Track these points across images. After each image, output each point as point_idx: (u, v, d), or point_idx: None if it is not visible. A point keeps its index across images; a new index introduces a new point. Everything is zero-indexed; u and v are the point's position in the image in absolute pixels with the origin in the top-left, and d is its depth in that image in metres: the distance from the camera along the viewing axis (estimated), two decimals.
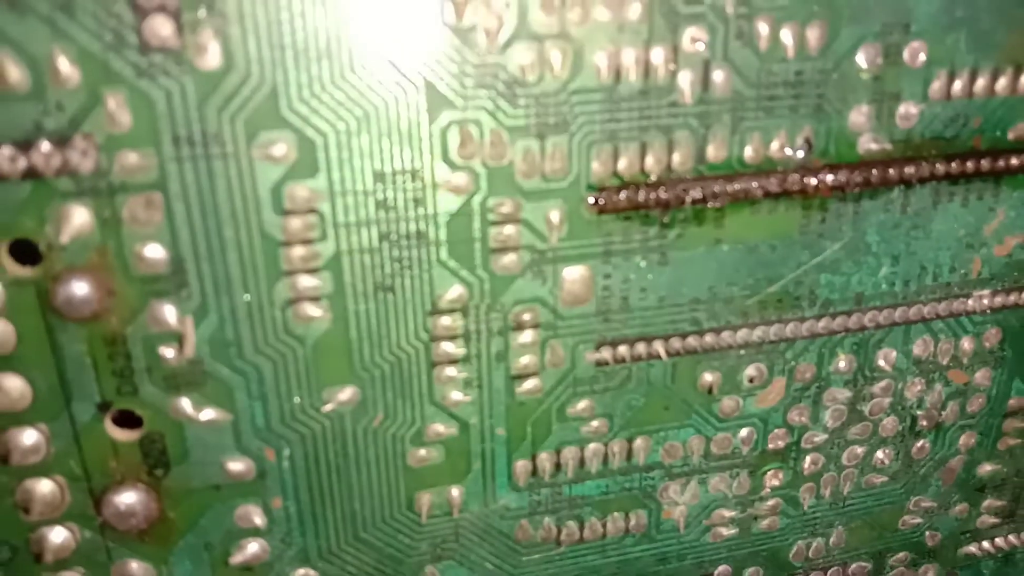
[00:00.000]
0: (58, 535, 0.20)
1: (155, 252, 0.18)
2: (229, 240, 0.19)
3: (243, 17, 0.17)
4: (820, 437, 0.25)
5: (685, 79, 0.20)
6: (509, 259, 0.20)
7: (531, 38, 0.19)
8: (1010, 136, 0.22)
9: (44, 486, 0.20)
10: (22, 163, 0.17)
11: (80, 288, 0.18)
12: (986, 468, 0.27)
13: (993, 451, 0.27)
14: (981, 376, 0.25)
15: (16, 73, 0.16)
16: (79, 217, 0.18)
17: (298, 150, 0.18)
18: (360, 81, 0.18)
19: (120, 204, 0.18)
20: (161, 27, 0.17)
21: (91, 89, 0.17)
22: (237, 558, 0.21)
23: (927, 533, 0.28)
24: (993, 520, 0.28)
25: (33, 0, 0.16)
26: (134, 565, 0.21)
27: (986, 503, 0.28)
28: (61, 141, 0.17)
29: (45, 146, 0.17)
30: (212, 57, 0.17)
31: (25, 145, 0.17)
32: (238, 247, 0.19)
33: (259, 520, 0.21)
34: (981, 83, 0.22)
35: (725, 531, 0.25)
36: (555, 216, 0.20)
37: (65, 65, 0.17)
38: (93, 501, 0.20)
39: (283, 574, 0.22)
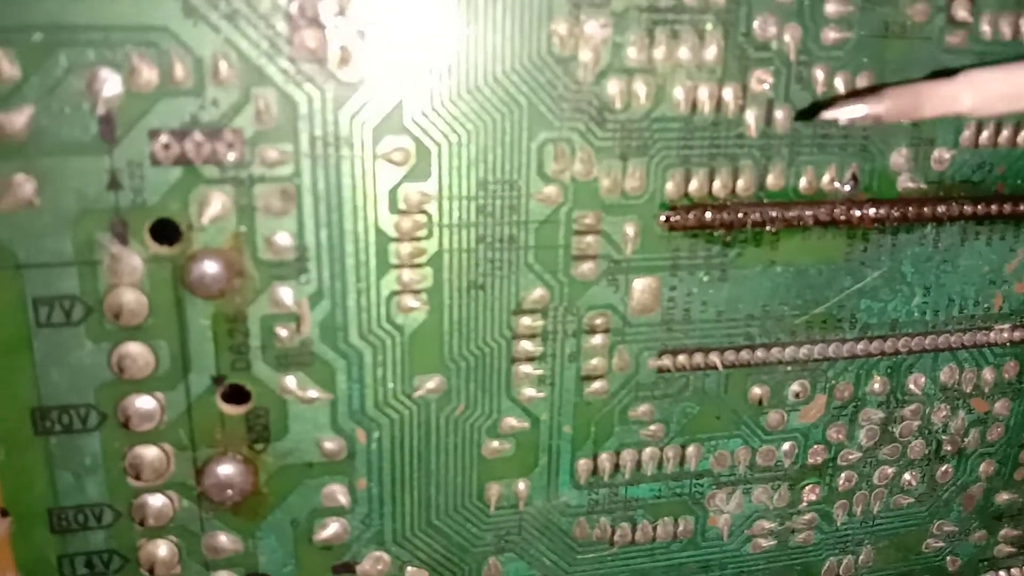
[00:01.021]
0: (158, 501, 0.22)
1: (283, 239, 0.20)
2: (348, 233, 0.21)
3: (379, 38, 0.20)
4: (855, 455, 0.27)
5: (751, 115, 0.22)
6: (587, 266, 0.23)
7: (622, 71, 0.21)
8: None
9: (153, 453, 0.21)
10: (176, 150, 0.19)
11: (212, 267, 0.20)
12: (1003, 497, 0.29)
13: (1010, 480, 0.29)
14: (1001, 406, 0.28)
15: (182, 71, 0.19)
16: (219, 202, 0.20)
17: (416, 156, 0.21)
18: (473, 100, 0.21)
19: (257, 193, 0.20)
20: (310, 39, 0.19)
21: (244, 89, 0.19)
22: (320, 535, 0.23)
23: (948, 558, 0.29)
24: (1010, 549, 0.30)
25: (205, 10, 0.19)
26: (223, 537, 0.22)
27: (1003, 532, 0.30)
28: (212, 133, 0.19)
29: (198, 136, 0.19)
30: (351, 70, 0.20)
31: (181, 134, 0.19)
32: (355, 240, 0.21)
33: (343, 499, 0.23)
34: (1005, 135, 0.24)
35: (764, 542, 0.27)
36: (631, 230, 0.23)
37: (225, 67, 0.19)
38: (195, 471, 0.22)
39: (359, 555, 0.23)
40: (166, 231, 0.20)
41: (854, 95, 0.22)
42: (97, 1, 0.18)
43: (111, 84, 0.19)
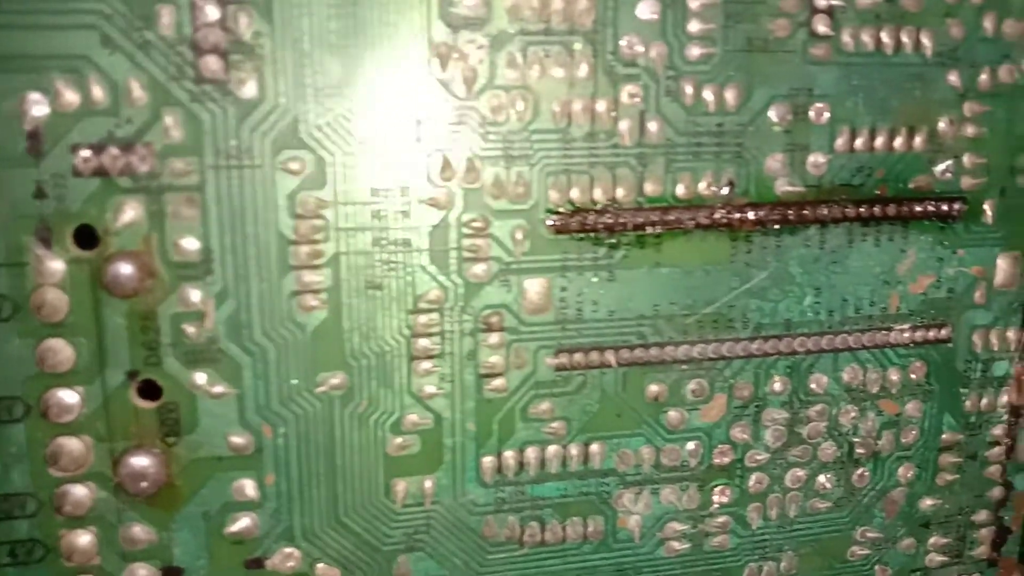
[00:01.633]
0: (78, 491, 0.23)
1: (190, 243, 0.22)
2: (250, 237, 0.23)
3: (276, 60, 0.22)
4: (763, 456, 0.27)
5: (624, 126, 0.24)
6: (480, 268, 0.24)
7: (499, 88, 0.24)
8: (911, 186, 0.27)
9: (73, 444, 0.23)
10: (94, 163, 0.22)
11: (126, 269, 0.22)
12: (927, 503, 0.29)
13: (933, 485, 0.29)
14: (912, 408, 0.28)
15: (100, 93, 0.22)
16: (132, 210, 0.22)
17: (311, 166, 0.23)
18: (364, 117, 0.23)
19: (166, 201, 0.22)
20: (213, 64, 0.22)
21: (154, 109, 0.22)
22: (231, 529, 0.24)
23: (877, 567, 0.29)
24: (941, 558, 0.30)
25: (121, 40, 0.22)
26: (138, 529, 0.24)
27: (932, 540, 0.29)
28: (127, 148, 0.22)
29: (114, 151, 0.22)
30: (249, 89, 0.22)
31: (99, 148, 0.22)
32: (257, 243, 0.23)
33: (253, 493, 0.24)
34: (880, 141, 0.26)
35: (678, 545, 0.27)
36: (519, 233, 0.24)
37: (137, 89, 0.22)
38: (112, 462, 0.23)
39: (270, 550, 0.24)
40: (85, 236, 0.22)
41: None
42: (26, 33, 0.21)
43: (38, 106, 0.21)
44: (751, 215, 0.25)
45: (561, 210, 0.24)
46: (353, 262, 0.24)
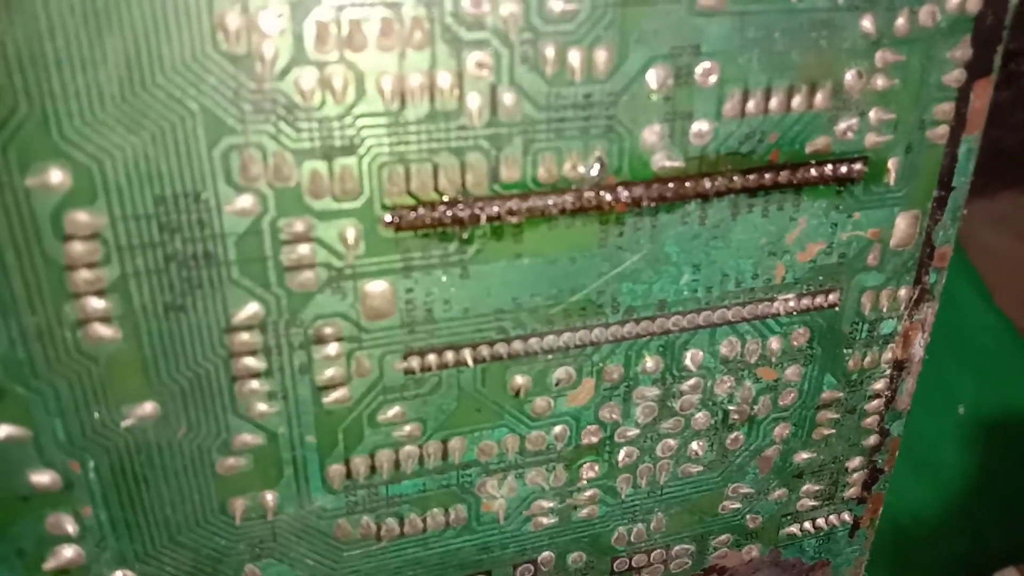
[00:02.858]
0: None
1: None
2: (12, 266, 0.19)
3: (3, 45, 0.17)
4: (633, 432, 0.26)
5: (473, 103, 0.20)
6: (306, 276, 0.21)
7: (309, 64, 0.19)
8: (808, 150, 0.23)
9: None
10: None
11: None
12: (802, 456, 0.29)
13: (808, 440, 0.28)
14: (792, 372, 0.27)
15: None
16: None
17: (73, 177, 0.18)
18: (132, 108, 0.18)
19: None
20: None
21: None
22: (51, 564, 0.22)
23: (748, 516, 0.29)
24: (812, 503, 0.30)
25: None
26: None
27: (805, 487, 0.29)
28: None
29: None
30: None
31: None
32: (21, 272, 0.19)
33: (71, 528, 0.22)
34: (776, 101, 0.22)
35: (545, 520, 0.26)
36: (351, 235, 0.21)
37: None
38: None
39: (101, 575, 0.23)
40: None
41: None
42: None
43: None
44: (624, 195, 0.22)
45: (400, 205, 0.21)
46: (145, 283, 0.20)
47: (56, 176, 0.18)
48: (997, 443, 0.48)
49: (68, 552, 0.22)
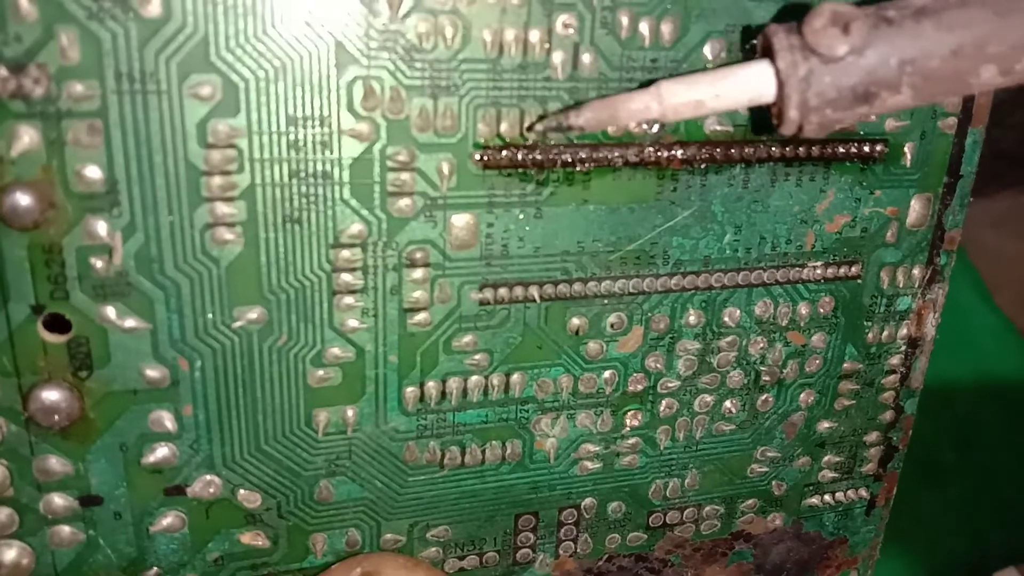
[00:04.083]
0: None
1: (93, 172, 0.21)
2: (158, 167, 0.22)
3: None
4: (674, 383, 0.28)
5: (558, 58, 0.24)
6: (404, 203, 0.24)
7: (427, 11, 0.22)
8: (836, 127, 0.27)
9: None
10: None
11: (24, 199, 0.21)
12: (825, 425, 0.31)
13: (831, 410, 0.31)
14: (818, 339, 0.29)
15: None
16: (28, 136, 0.20)
17: (222, 92, 0.21)
18: (279, 36, 0.21)
19: (65, 128, 0.21)
20: None
21: (47, 25, 0.20)
22: (148, 459, 0.24)
23: (773, 483, 0.31)
24: (833, 475, 0.32)
25: None
26: (53, 460, 0.23)
27: (826, 458, 0.32)
28: (17, 68, 0.20)
29: (2, 71, 0.20)
30: (153, 7, 0.20)
31: None
32: (165, 173, 0.22)
33: (170, 425, 0.24)
34: None
35: (591, 465, 0.29)
36: (445, 168, 0.24)
37: (25, 2, 0.20)
38: (21, 397, 0.23)
39: (190, 478, 0.25)
40: None
41: (566, 108, 0.23)
42: None
43: None
44: (679, 153, 0.25)
45: (490, 145, 0.24)
46: (269, 194, 0.23)
47: (207, 89, 0.21)
48: (997, 443, 0.50)
49: (164, 451, 0.24)
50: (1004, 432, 0.51)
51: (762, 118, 0.26)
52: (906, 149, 0.28)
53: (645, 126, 0.25)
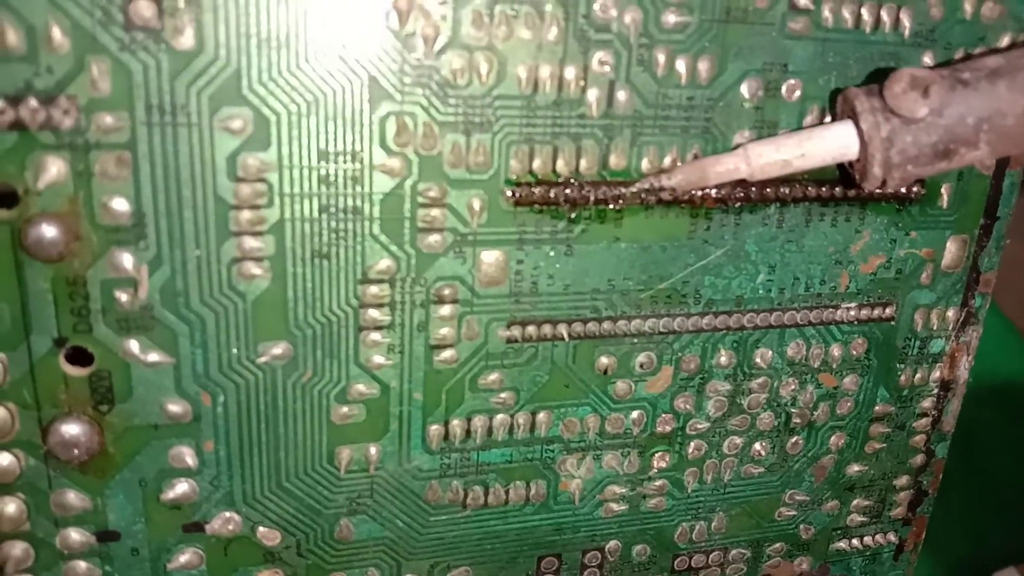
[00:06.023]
0: (4, 459, 0.22)
1: (120, 205, 0.21)
2: (186, 200, 0.21)
3: (216, 7, 0.20)
4: (703, 425, 0.28)
5: (593, 95, 0.23)
6: (434, 239, 0.23)
7: (462, 48, 0.22)
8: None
9: None
10: (11, 115, 0.20)
11: (50, 231, 0.21)
12: (854, 468, 0.30)
13: (861, 453, 0.30)
14: (850, 381, 0.29)
15: (14, 37, 0.19)
16: (56, 168, 0.20)
17: (254, 125, 0.21)
18: (312, 71, 0.21)
19: (93, 159, 0.20)
20: (145, 9, 0.20)
21: (78, 57, 0.20)
22: (168, 495, 0.23)
23: (801, 526, 0.31)
24: (861, 519, 0.31)
25: None
26: (71, 495, 0.23)
27: (855, 502, 0.31)
28: (47, 99, 0.20)
29: (33, 103, 0.20)
30: (186, 39, 0.20)
31: (15, 100, 0.19)
32: (193, 207, 0.21)
33: (191, 461, 0.23)
34: None
35: (616, 507, 0.28)
36: (476, 204, 0.23)
37: (58, 34, 0.19)
38: (40, 430, 0.22)
39: (209, 515, 0.24)
40: (4, 195, 0.20)
41: (659, 171, 0.24)
42: None
43: None
44: (713, 192, 0.25)
45: (522, 181, 0.23)
46: (299, 229, 0.22)
47: (238, 122, 0.21)
48: (997, 444, 0.49)
49: (184, 487, 0.24)
50: (1004, 433, 0.50)
51: None
52: (943, 190, 0.27)
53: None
